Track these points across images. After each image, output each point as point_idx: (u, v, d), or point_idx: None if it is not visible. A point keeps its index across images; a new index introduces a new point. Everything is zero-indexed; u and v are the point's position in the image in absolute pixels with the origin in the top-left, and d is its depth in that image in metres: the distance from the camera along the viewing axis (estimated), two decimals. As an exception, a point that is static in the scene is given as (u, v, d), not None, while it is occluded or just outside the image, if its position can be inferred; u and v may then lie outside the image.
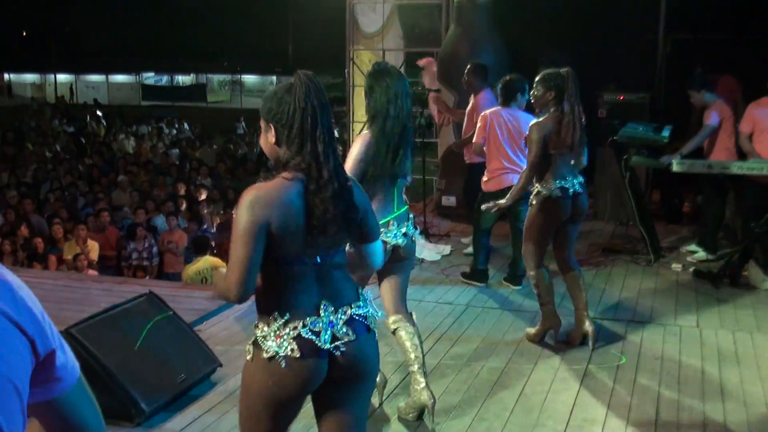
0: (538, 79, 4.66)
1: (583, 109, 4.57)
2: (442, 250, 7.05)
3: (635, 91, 8.50)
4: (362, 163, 3.50)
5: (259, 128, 2.35)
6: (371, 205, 2.50)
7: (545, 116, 4.58)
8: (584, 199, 4.70)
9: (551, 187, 4.56)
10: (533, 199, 4.69)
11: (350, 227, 2.31)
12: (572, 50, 6.99)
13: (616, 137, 6.81)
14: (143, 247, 9.10)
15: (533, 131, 4.56)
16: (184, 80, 47.61)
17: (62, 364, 1.23)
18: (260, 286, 2.25)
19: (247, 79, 46.20)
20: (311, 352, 2.21)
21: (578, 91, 4.51)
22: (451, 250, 7.11)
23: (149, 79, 46.79)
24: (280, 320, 2.22)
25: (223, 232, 8.86)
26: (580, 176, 4.69)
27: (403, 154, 3.54)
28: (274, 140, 2.27)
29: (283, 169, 2.24)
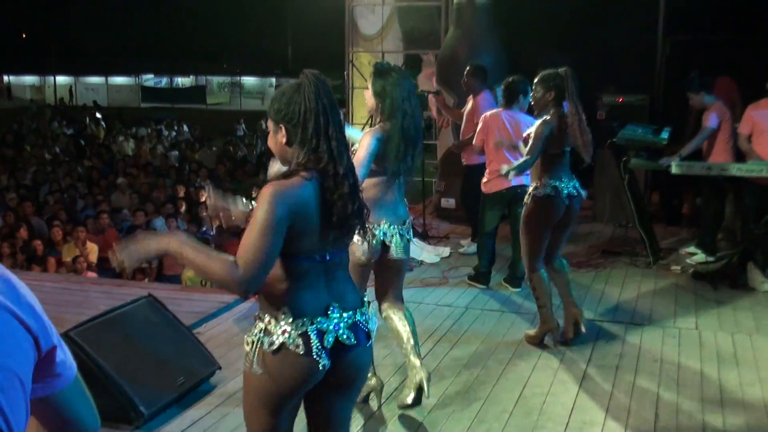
0: (536, 80, 4.66)
1: (582, 109, 4.58)
2: (441, 252, 7.05)
3: (634, 92, 8.51)
4: (373, 157, 3.52)
5: (258, 130, 2.36)
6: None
7: (550, 116, 4.58)
8: (577, 202, 4.70)
9: (545, 186, 4.57)
10: (527, 198, 4.70)
11: (361, 224, 2.34)
12: (571, 52, 6.99)
13: (615, 139, 6.81)
14: (142, 249, 9.08)
15: (542, 126, 4.53)
16: (183, 82, 47.67)
17: (62, 360, 1.26)
18: (269, 281, 2.23)
19: (246, 81, 46.26)
20: (315, 350, 2.22)
21: (578, 90, 4.51)
22: (450, 252, 7.11)
23: (149, 81, 46.84)
24: (288, 316, 2.22)
25: (222, 234, 8.86)
26: (575, 179, 4.69)
27: (413, 151, 3.59)
28: (285, 140, 2.28)
29: (298, 167, 2.24)
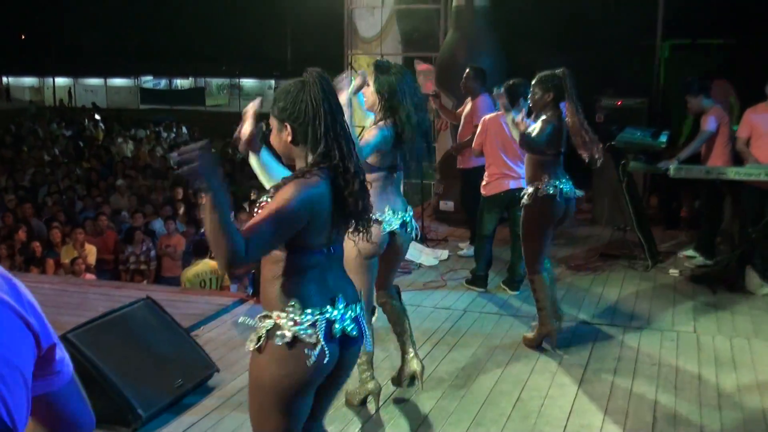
0: (534, 81, 4.66)
1: (582, 109, 4.58)
2: (439, 255, 7.04)
3: (633, 96, 8.51)
4: (374, 150, 3.55)
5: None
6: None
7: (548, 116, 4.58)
8: (573, 204, 4.73)
9: (547, 186, 4.57)
10: (526, 199, 4.69)
11: (369, 219, 2.37)
12: (570, 55, 6.99)
13: (613, 142, 6.82)
14: (141, 251, 9.09)
15: (544, 123, 4.53)
16: (182, 84, 47.69)
17: (60, 358, 1.27)
18: (276, 276, 2.25)
19: (245, 82, 46.27)
20: (325, 340, 2.23)
21: (576, 90, 4.51)
22: (448, 254, 7.10)
23: (148, 82, 46.86)
24: (298, 309, 2.22)
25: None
26: (570, 181, 4.69)
27: (427, 141, 3.67)
28: (290, 138, 2.28)
29: (311, 167, 2.25)
